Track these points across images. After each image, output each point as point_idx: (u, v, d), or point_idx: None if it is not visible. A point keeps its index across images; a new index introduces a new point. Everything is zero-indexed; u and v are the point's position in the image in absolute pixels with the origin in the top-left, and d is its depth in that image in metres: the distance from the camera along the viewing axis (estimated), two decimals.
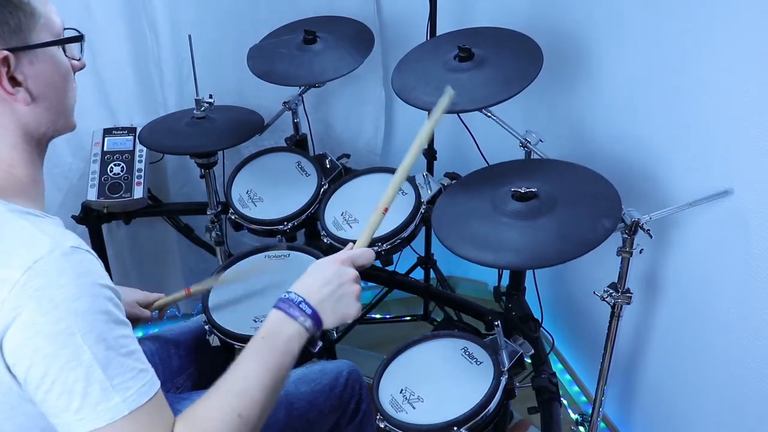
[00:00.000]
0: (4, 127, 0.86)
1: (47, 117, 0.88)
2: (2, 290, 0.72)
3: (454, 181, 1.61)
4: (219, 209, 1.86)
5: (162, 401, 0.78)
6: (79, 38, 0.92)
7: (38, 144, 0.90)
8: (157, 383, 0.78)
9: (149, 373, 0.78)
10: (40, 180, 0.91)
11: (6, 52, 0.82)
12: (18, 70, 0.84)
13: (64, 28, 0.90)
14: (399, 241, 1.57)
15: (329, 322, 0.90)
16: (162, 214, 2.12)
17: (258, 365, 0.84)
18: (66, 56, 0.90)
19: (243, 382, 0.83)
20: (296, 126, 1.91)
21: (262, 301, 1.53)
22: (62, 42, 0.88)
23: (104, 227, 2.03)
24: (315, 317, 0.88)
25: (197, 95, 1.74)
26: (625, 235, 1.24)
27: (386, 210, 1.01)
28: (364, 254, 0.97)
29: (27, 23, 0.84)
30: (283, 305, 0.89)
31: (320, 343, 0.94)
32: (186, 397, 1.22)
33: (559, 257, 1.13)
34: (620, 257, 1.27)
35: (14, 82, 0.84)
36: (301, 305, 0.88)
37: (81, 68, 0.94)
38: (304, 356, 0.91)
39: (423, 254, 2.12)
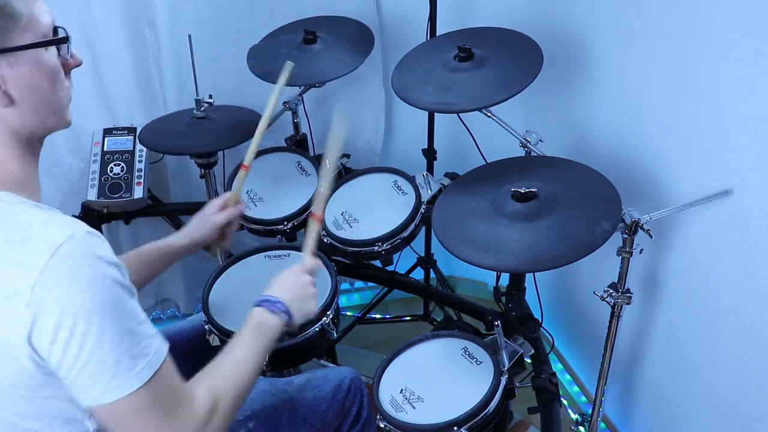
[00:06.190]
0: None
1: (33, 118, 0.86)
2: (31, 275, 0.75)
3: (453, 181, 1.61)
4: None
5: (170, 359, 0.86)
6: (63, 40, 0.88)
7: (28, 142, 0.88)
8: (166, 344, 0.86)
9: (158, 335, 0.86)
10: (35, 176, 0.90)
11: None
12: None
13: (56, 27, 0.87)
14: (399, 241, 1.57)
15: (297, 317, 1.11)
16: (162, 214, 2.12)
17: (254, 347, 1.02)
18: (60, 55, 0.88)
19: (244, 356, 1.00)
20: (296, 126, 1.91)
21: None
22: (42, 44, 0.85)
23: (104, 227, 2.02)
24: (288, 313, 1.09)
25: (197, 95, 1.74)
26: (625, 235, 1.24)
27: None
28: (313, 263, 1.21)
29: (5, 25, 0.81)
30: (265, 304, 1.08)
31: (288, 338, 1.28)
32: None
33: (559, 260, 1.13)
34: (620, 257, 1.27)
35: None
36: (277, 305, 1.08)
37: (77, 65, 0.92)
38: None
39: (423, 254, 2.12)
